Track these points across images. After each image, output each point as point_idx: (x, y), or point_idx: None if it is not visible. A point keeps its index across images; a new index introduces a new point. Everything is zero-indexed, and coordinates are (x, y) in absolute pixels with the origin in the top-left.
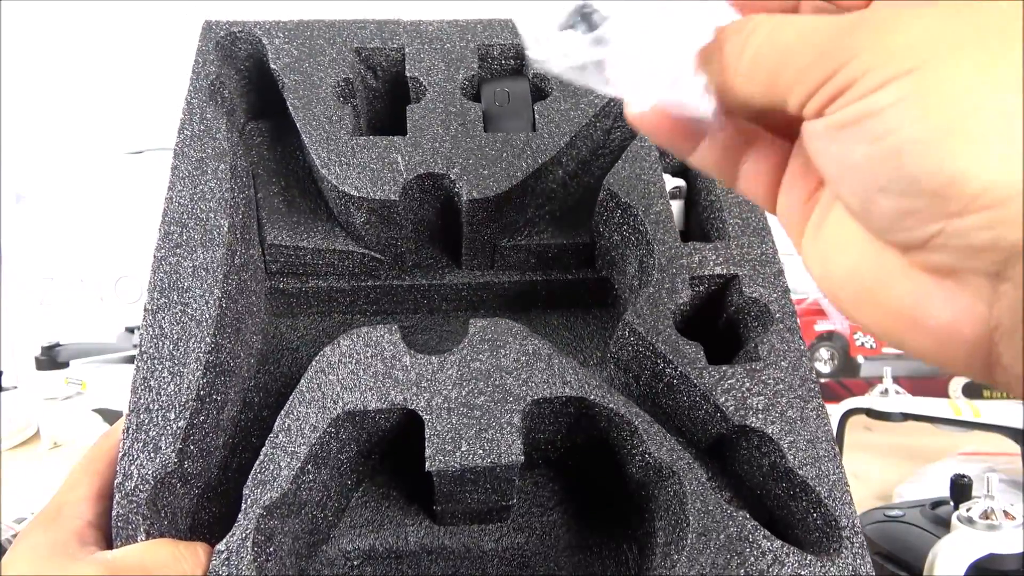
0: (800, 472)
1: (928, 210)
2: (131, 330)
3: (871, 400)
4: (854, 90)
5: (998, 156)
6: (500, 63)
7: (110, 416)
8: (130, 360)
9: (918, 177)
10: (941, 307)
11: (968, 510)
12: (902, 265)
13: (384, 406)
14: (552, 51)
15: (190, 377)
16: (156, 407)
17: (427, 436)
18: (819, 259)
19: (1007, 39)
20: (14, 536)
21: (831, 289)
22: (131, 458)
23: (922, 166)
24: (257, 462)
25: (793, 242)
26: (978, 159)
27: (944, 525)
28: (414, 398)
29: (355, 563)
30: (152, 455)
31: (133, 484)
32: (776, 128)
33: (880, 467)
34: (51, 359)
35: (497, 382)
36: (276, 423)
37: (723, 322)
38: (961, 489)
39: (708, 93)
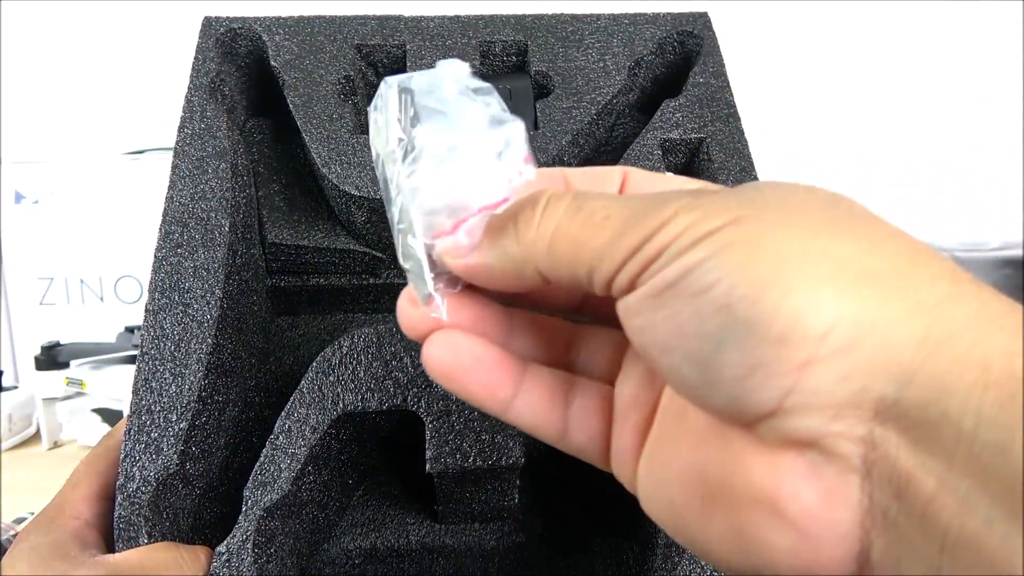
0: None
1: (774, 361)
2: (131, 330)
3: None
4: (669, 252)
5: (836, 292)
6: (502, 60)
7: (110, 416)
8: (130, 360)
9: (754, 323)
10: (804, 486)
11: None
12: (753, 445)
13: (384, 407)
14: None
15: (192, 378)
16: (158, 408)
17: (427, 438)
18: (650, 477)
19: (806, 213)
20: (14, 536)
21: (664, 506)
22: (133, 459)
23: (755, 310)
24: (257, 464)
25: (627, 484)
26: (815, 296)
27: None
28: (414, 399)
29: (357, 561)
30: (154, 456)
31: (135, 485)
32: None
33: None
34: (51, 359)
35: None
36: (276, 424)
37: None
38: None
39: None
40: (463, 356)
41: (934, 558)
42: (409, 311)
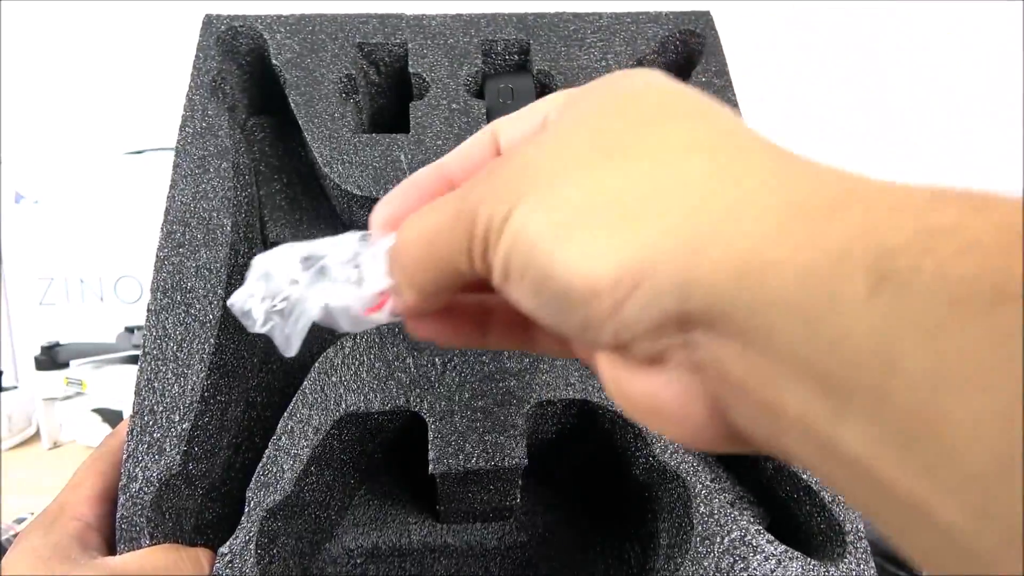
0: (804, 476)
1: (592, 316)
2: (131, 330)
3: None
4: (489, 241)
5: (608, 246)
6: (504, 58)
7: (110, 416)
8: (130, 360)
9: (561, 295)
10: (666, 392)
11: None
12: (633, 368)
13: (387, 408)
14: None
15: (194, 379)
16: (160, 409)
17: (430, 439)
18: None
19: (578, 165)
20: (14, 536)
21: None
22: (136, 460)
23: (556, 286)
24: (260, 464)
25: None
26: (592, 257)
27: None
28: (417, 400)
29: (358, 561)
30: (157, 457)
31: (138, 486)
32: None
33: None
34: (51, 359)
35: (500, 384)
36: (279, 425)
37: None
38: None
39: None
40: (441, 329)
41: (767, 422)
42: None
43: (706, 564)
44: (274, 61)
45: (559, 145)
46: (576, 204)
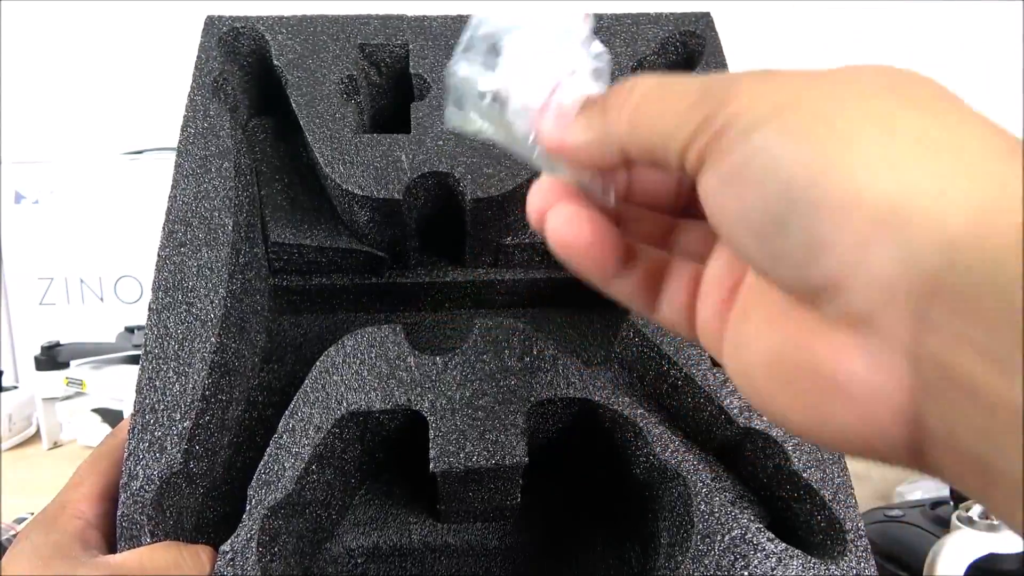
0: (804, 475)
1: (834, 241)
2: (131, 330)
3: None
4: (734, 131)
5: (891, 166)
6: None
7: (110, 416)
8: (130, 360)
9: (814, 204)
10: (860, 362)
11: (968, 510)
12: (818, 323)
13: (388, 407)
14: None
15: (195, 377)
16: (162, 407)
17: (431, 437)
18: (736, 352)
19: (854, 98)
20: (14, 536)
21: (749, 379)
22: (137, 458)
23: (815, 193)
24: (261, 463)
25: (715, 354)
26: (871, 173)
27: (944, 525)
28: (418, 399)
29: (359, 560)
30: (158, 455)
31: (139, 484)
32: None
33: (880, 467)
34: (51, 359)
35: (501, 383)
36: (280, 424)
37: None
38: None
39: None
40: (584, 231)
41: (982, 424)
42: (538, 184)
43: (707, 562)
44: (276, 62)
45: (844, 80)
46: (863, 128)
